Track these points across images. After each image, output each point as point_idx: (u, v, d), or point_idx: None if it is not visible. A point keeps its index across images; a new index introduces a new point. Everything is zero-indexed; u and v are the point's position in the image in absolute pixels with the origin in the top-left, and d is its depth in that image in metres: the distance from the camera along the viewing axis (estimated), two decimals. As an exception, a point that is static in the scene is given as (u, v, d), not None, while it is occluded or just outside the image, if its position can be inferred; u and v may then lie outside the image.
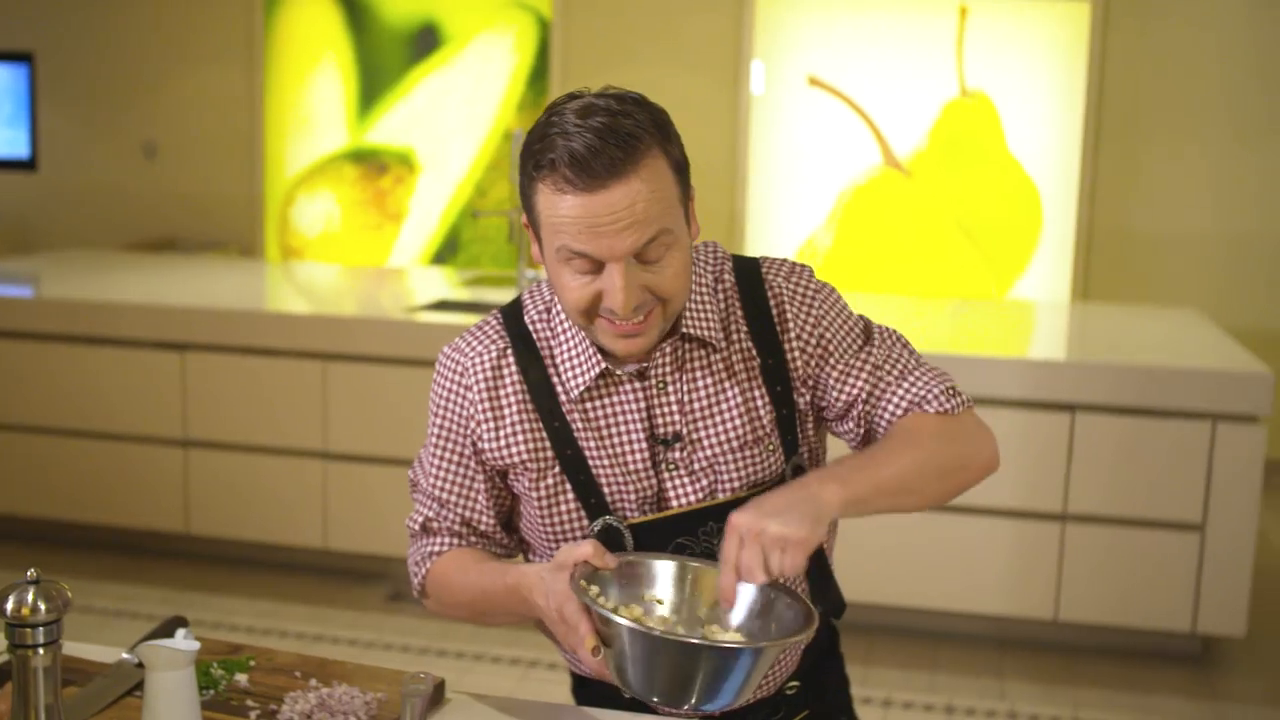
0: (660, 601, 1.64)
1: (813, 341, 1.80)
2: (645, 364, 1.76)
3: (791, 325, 1.80)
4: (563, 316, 1.77)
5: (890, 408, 1.79)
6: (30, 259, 6.14)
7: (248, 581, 4.83)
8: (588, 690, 1.96)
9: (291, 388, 4.68)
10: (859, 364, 1.81)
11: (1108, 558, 4.18)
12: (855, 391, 1.80)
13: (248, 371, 4.72)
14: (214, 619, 4.44)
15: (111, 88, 7.66)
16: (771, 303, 1.80)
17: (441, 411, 1.84)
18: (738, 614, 1.60)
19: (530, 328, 1.80)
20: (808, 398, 1.82)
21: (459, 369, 1.81)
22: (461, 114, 7.15)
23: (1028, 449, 4.15)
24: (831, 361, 1.81)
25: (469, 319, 4.71)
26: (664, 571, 1.66)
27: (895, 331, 1.89)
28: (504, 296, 5.13)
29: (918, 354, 1.87)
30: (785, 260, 1.86)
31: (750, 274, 1.83)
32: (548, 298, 1.81)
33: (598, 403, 1.77)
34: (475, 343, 1.82)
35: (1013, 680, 4.17)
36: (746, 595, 1.60)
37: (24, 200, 7.88)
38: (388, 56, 7.20)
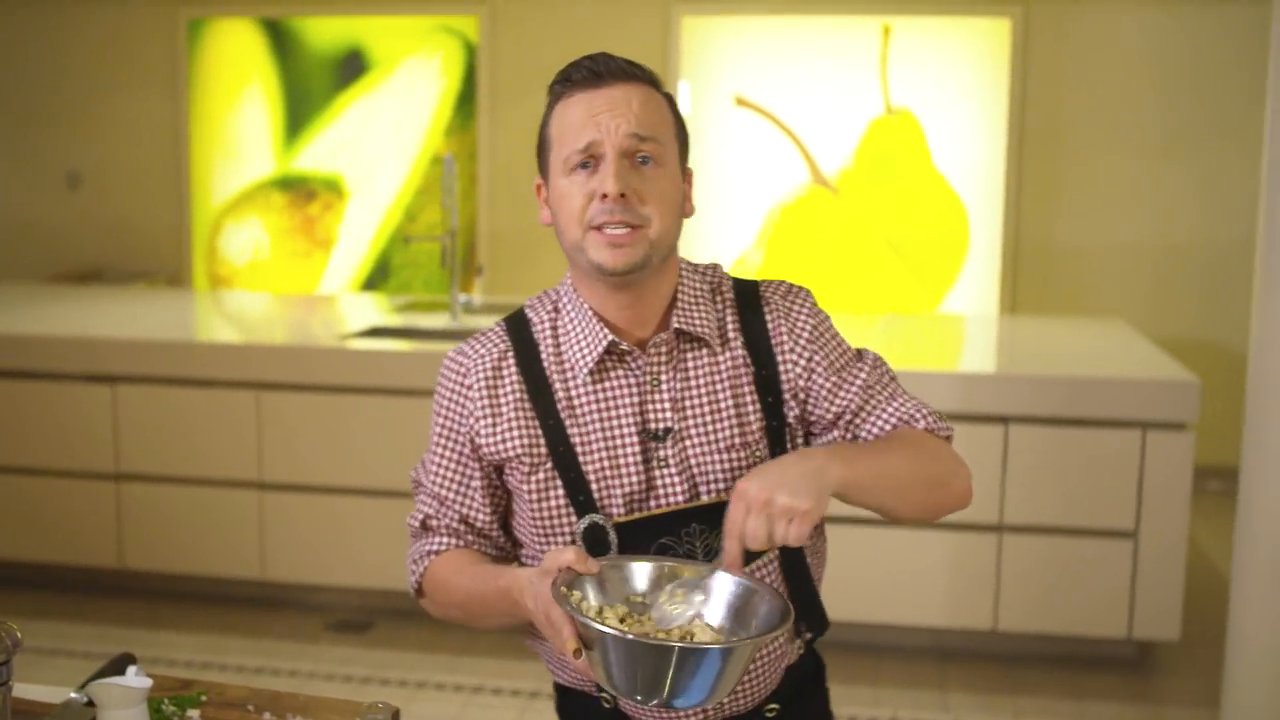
0: (642, 601, 1.70)
1: (805, 355, 1.88)
2: (641, 356, 1.84)
3: (786, 339, 1.88)
4: (569, 308, 1.88)
5: (880, 421, 1.87)
6: (-47, 293, 6.04)
7: (186, 615, 4.77)
8: (569, 700, 1.99)
9: (224, 418, 4.64)
10: (850, 379, 1.89)
11: (1044, 567, 4.23)
12: (845, 403, 1.88)
13: (180, 403, 4.67)
14: (153, 654, 4.38)
15: (33, 117, 7.57)
16: (768, 317, 1.89)
17: (444, 412, 1.93)
18: (716, 612, 1.67)
19: (533, 328, 1.90)
20: (797, 411, 1.88)
21: (461, 370, 1.91)
22: (389, 139, 7.13)
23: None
24: (823, 374, 1.88)
25: (402, 345, 4.70)
26: (644, 572, 1.71)
27: (884, 361, 1.96)
28: (437, 321, 5.12)
29: (902, 386, 1.95)
30: (784, 282, 1.96)
31: (749, 290, 1.93)
32: (554, 296, 1.92)
33: (595, 394, 1.85)
34: (479, 346, 1.92)
35: (955, 691, 4.20)
36: (727, 591, 1.67)
37: (-56, 234, 7.75)
38: (314, 82, 7.17)
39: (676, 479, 1.83)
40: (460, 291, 5.21)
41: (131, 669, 1.65)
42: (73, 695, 1.81)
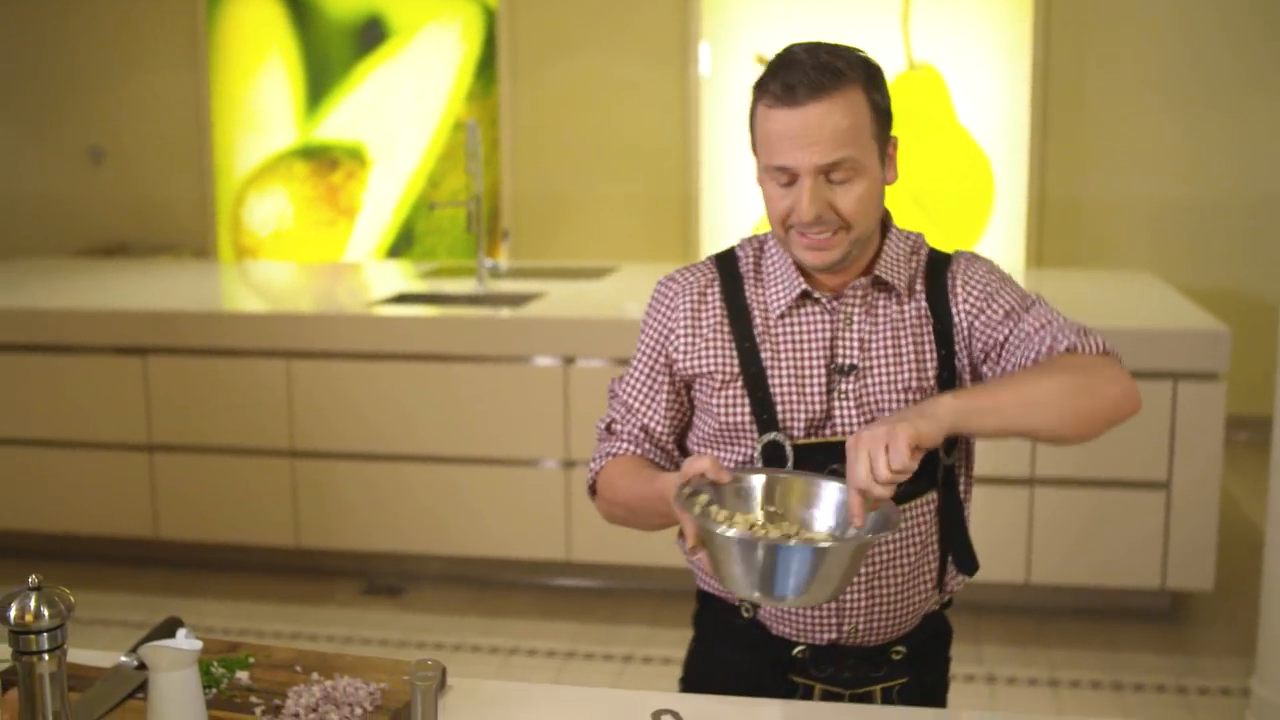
0: (768, 510, 1.81)
1: (977, 306, 1.96)
2: (837, 297, 1.95)
3: (960, 292, 1.97)
4: (772, 251, 2.00)
5: (1026, 352, 1.91)
6: (-19, 269, 6.07)
7: (220, 584, 4.81)
8: (709, 608, 2.10)
9: (255, 387, 4.66)
10: (1014, 320, 1.94)
11: (1076, 519, 4.23)
12: (996, 335, 1.94)
13: (210, 373, 4.69)
14: (190, 623, 4.40)
15: (55, 95, 7.59)
16: (950, 278, 1.99)
17: (648, 330, 2.07)
18: (826, 517, 1.80)
19: (739, 264, 2.03)
20: (964, 360, 1.97)
21: (670, 293, 2.05)
22: (411, 106, 7.12)
23: (993, 416, 4.18)
24: (987, 315, 1.95)
25: (430, 311, 4.71)
26: (769, 484, 1.83)
27: (1043, 299, 2.00)
28: (464, 287, 5.13)
29: (1059, 312, 1.97)
30: (970, 251, 2.05)
31: (939, 255, 2.03)
32: (761, 238, 2.04)
33: (790, 327, 1.96)
34: (689, 274, 2.05)
35: (989, 645, 4.21)
36: (835, 499, 1.79)
37: (-30, 211, 7.79)
38: (334, 51, 7.16)
39: (854, 412, 1.93)
40: (486, 256, 5.21)
41: (181, 632, 1.66)
42: (123, 659, 1.83)
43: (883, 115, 1.90)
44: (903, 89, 6.61)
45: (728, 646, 2.04)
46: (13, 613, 1.50)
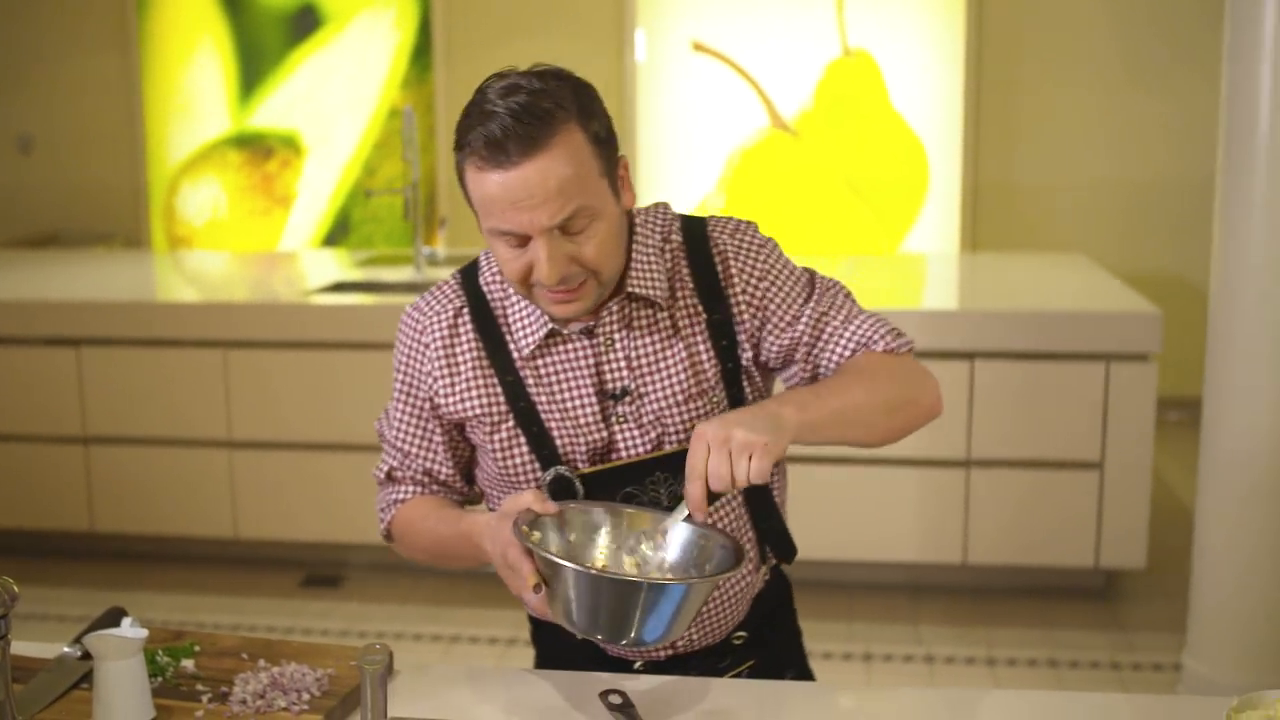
0: (599, 543, 1.74)
1: (757, 293, 1.86)
2: (593, 323, 1.82)
3: (736, 279, 1.85)
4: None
5: (838, 349, 1.85)
6: (-91, 261, 5.98)
7: (159, 576, 4.77)
8: (543, 630, 2.03)
9: (192, 378, 4.62)
10: (801, 310, 1.87)
11: (1012, 500, 4.29)
12: (798, 335, 1.86)
13: (146, 363, 4.65)
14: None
15: (-19, 81, 7.47)
16: (716, 259, 1.86)
17: (403, 368, 1.92)
18: (672, 554, 1.72)
19: (485, 288, 1.88)
20: (750, 353, 1.87)
21: (418, 327, 1.89)
22: (346, 93, 7.08)
23: (930, 398, 4.23)
24: (774, 309, 1.86)
25: (365, 299, 4.70)
26: (602, 516, 1.75)
27: (838, 282, 1.94)
28: (400, 275, 5.12)
29: (858, 304, 1.93)
30: (731, 218, 1.92)
31: (696, 232, 1.88)
32: None
33: (548, 360, 1.84)
34: (434, 302, 1.90)
35: (927, 625, 4.26)
36: (681, 537, 1.71)
37: (-105, 201, 7.66)
38: (267, 38, 7.10)
39: (637, 434, 1.84)
40: (424, 244, 5.19)
41: (126, 620, 1.66)
42: (66, 649, 1.82)
43: (605, 145, 1.73)
44: (837, 75, 6.65)
45: (569, 665, 1.93)
46: (-44, 603, 1.49)
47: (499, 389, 1.85)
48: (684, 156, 6.81)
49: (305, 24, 7.05)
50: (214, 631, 1.95)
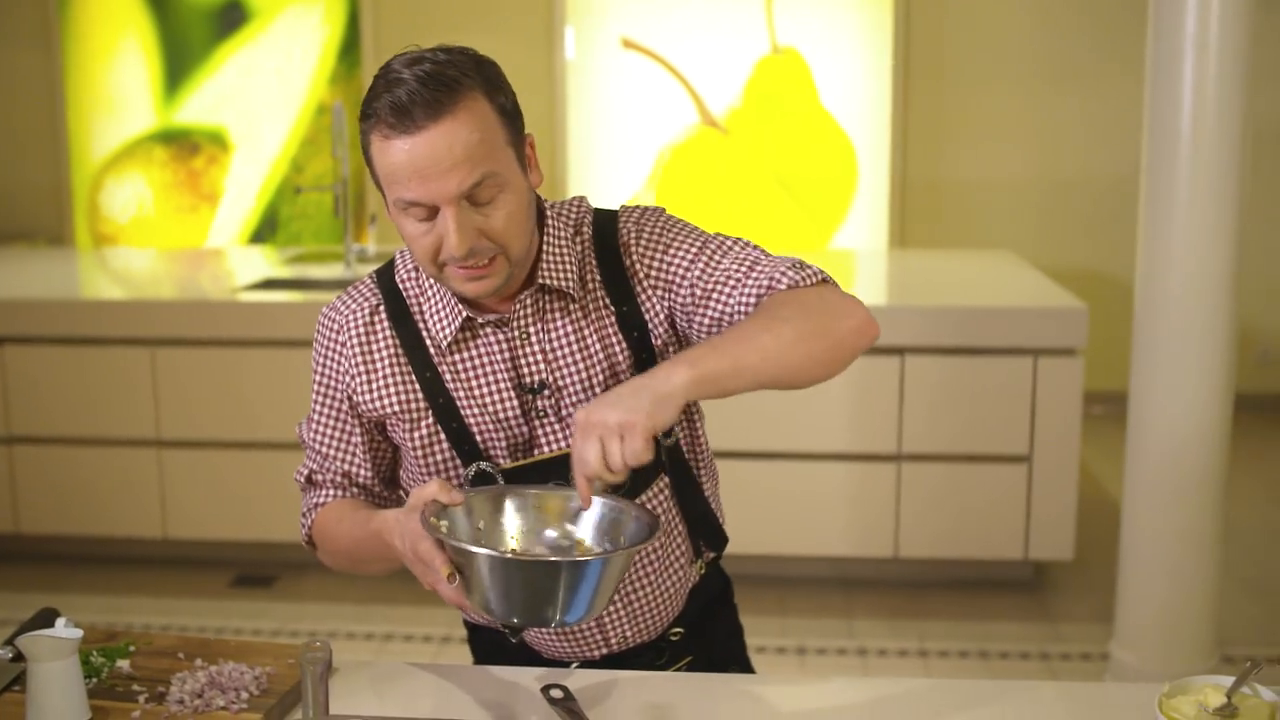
0: (508, 528, 1.71)
1: (653, 271, 1.83)
2: (506, 314, 1.80)
3: (637, 265, 1.83)
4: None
5: (740, 295, 1.77)
6: None
7: (87, 578, 4.71)
8: (479, 636, 2.02)
9: (119, 376, 4.57)
10: (701, 267, 1.81)
11: (942, 494, 4.33)
12: (694, 288, 1.80)
13: (71, 362, 4.58)
14: (54, 617, 4.32)
15: (-102, 76, 7.32)
16: (621, 251, 1.84)
17: (320, 369, 1.90)
18: (585, 531, 1.69)
19: (400, 285, 1.86)
20: (664, 337, 1.85)
21: (335, 327, 1.88)
22: (273, 90, 7.01)
23: (860, 393, 4.27)
24: (673, 277, 1.82)
25: (295, 297, 4.66)
26: (509, 500, 1.72)
27: (743, 239, 1.87)
28: (330, 272, 5.09)
29: (765, 249, 1.85)
30: (639, 206, 1.90)
31: (606, 225, 1.87)
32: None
33: (465, 355, 1.82)
34: (350, 301, 1.88)
35: (860, 618, 4.30)
36: (594, 513, 1.68)
37: None
38: (192, 33, 7.02)
39: (558, 427, 1.83)
40: (353, 241, 5.16)
41: (60, 620, 1.64)
42: (-1, 651, 1.80)
43: (511, 117, 1.72)
44: (766, 73, 6.68)
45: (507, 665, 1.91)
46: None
47: (417, 385, 1.83)
48: (614, 153, 6.81)
49: (231, 19, 6.97)
50: (148, 631, 1.92)
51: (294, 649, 1.84)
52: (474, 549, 1.55)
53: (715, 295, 1.78)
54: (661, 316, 1.84)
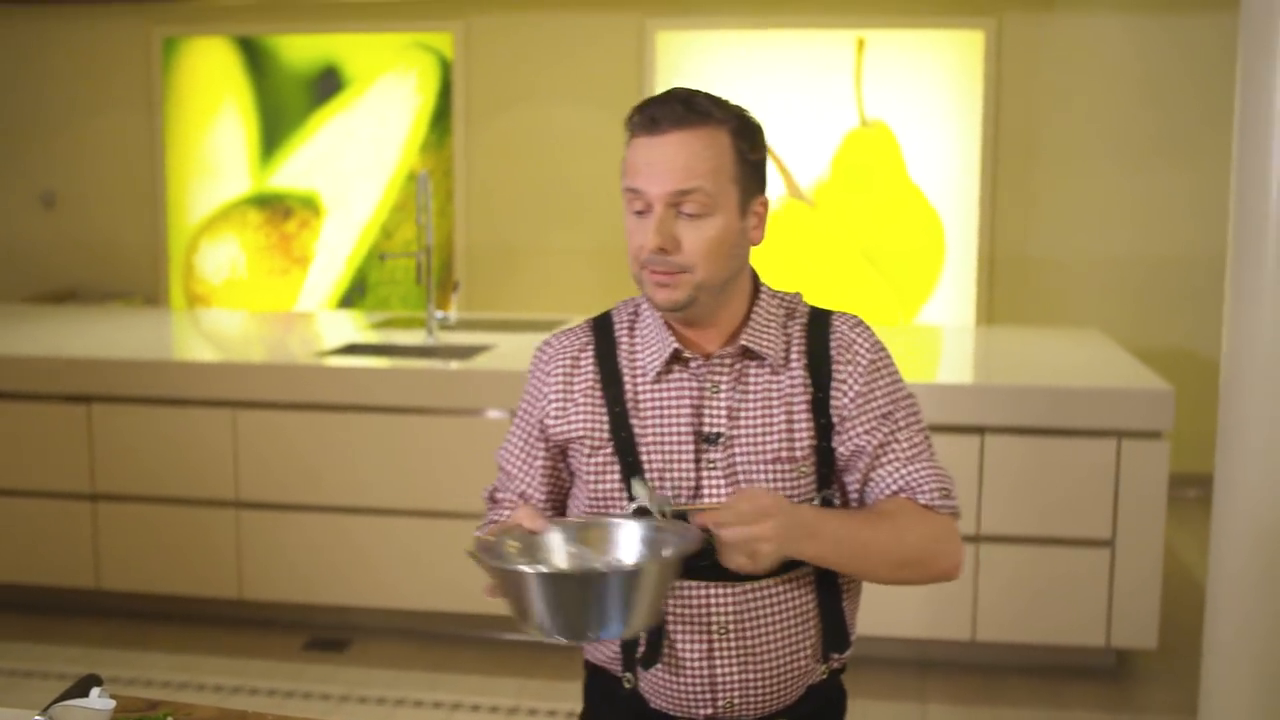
0: (560, 552, 1.82)
1: (856, 386, 1.96)
2: (706, 363, 1.94)
3: (844, 367, 1.96)
4: (646, 313, 2.00)
5: (887, 480, 1.95)
6: (-73, 315, 6.01)
7: (162, 635, 4.75)
8: (596, 679, 2.09)
9: (201, 437, 4.62)
10: (880, 424, 1.96)
11: (1022, 577, 4.24)
12: (864, 443, 1.95)
13: (156, 422, 4.65)
14: (129, 675, 4.36)
15: (9, 138, 7.55)
16: (832, 343, 1.98)
17: (527, 397, 2.08)
18: (629, 552, 1.80)
19: (614, 328, 2.03)
20: (841, 437, 1.96)
21: (546, 358, 2.06)
22: (365, 156, 7.12)
23: (939, 472, 4.20)
24: (862, 409, 1.95)
25: (379, 362, 4.69)
26: (594, 529, 1.84)
27: (922, 418, 2.03)
28: (414, 338, 5.12)
29: (933, 450, 2.01)
30: (851, 314, 2.05)
31: (820, 317, 2.03)
32: (638, 302, 2.04)
33: (660, 391, 1.95)
34: (564, 337, 2.06)
35: (934, 702, 4.20)
36: (637, 532, 1.82)
37: (-81, 255, 7.72)
38: (289, 99, 7.16)
39: (722, 481, 1.91)
40: (437, 308, 5.20)
41: (95, 690, 1.64)
42: (37, 718, 1.80)
43: (749, 166, 1.91)
44: (855, 146, 6.67)
45: (614, 716, 2.02)
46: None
47: (606, 417, 1.96)
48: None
49: (328, 86, 7.11)
50: (213, 695, 1.92)
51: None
52: (507, 567, 1.67)
53: (874, 470, 1.95)
54: (844, 419, 1.95)
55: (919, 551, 1.91)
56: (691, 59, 6.76)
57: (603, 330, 2.03)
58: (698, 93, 1.90)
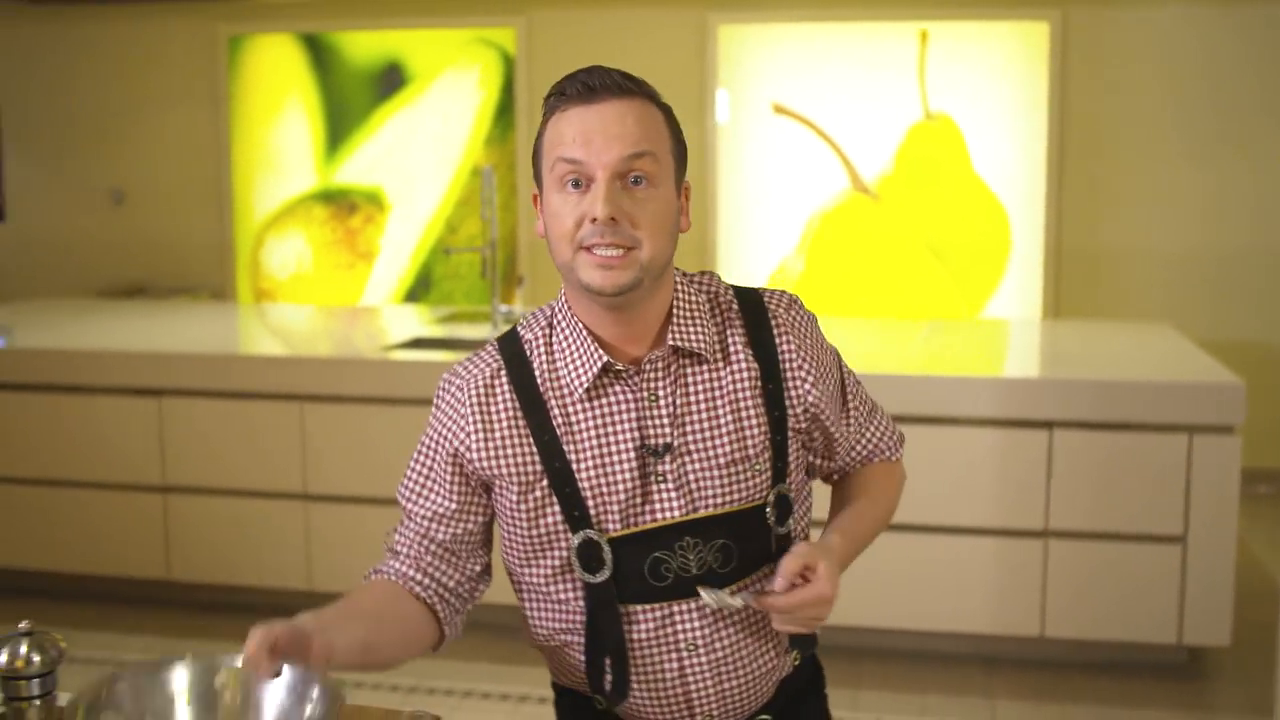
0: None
1: (812, 373, 1.89)
2: (638, 371, 1.81)
3: (795, 355, 1.87)
4: (563, 326, 1.84)
5: (858, 449, 2.04)
6: (1, 309, 6.10)
7: (232, 626, 4.78)
8: (564, 699, 2.01)
9: (269, 430, 4.67)
10: (841, 405, 1.99)
11: (1091, 572, 4.20)
12: (834, 428, 1.97)
13: (225, 415, 4.70)
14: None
15: (78, 136, 7.65)
16: (775, 332, 1.87)
17: (431, 431, 1.90)
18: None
19: (526, 347, 1.86)
20: (804, 425, 1.89)
21: (454, 389, 1.88)
22: (429, 151, 7.16)
23: (1007, 467, 4.17)
24: (826, 397, 1.92)
25: (444, 356, 4.72)
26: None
27: (853, 371, 2.06)
28: (478, 332, 5.14)
29: (868, 393, 2.08)
30: (778, 290, 1.93)
31: (754, 302, 1.90)
32: (548, 313, 1.89)
33: (591, 411, 1.81)
34: (471, 366, 1.88)
35: (1001, 699, 4.18)
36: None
37: (-9, 251, 7.84)
38: (353, 96, 7.21)
39: (674, 494, 1.81)
40: (501, 302, 5.22)
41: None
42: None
43: (679, 148, 1.82)
44: (919, 139, 6.63)
45: None
46: (3, 658, 1.50)
47: (534, 448, 1.81)
48: (764, 219, 6.80)
49: (391, 82, 7.15)
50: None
51: (403, 716, 1.84)
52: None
53: (839, 443, 1.99)
54: (806, 408, 1.89)
55: (894, 505, 2.07)
56: (753, 52, 6.75)
57: (513, 351, 1.86)
58: (622, 72, 1.81)
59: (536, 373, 1.83)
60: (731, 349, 1.85)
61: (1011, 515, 4.20)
